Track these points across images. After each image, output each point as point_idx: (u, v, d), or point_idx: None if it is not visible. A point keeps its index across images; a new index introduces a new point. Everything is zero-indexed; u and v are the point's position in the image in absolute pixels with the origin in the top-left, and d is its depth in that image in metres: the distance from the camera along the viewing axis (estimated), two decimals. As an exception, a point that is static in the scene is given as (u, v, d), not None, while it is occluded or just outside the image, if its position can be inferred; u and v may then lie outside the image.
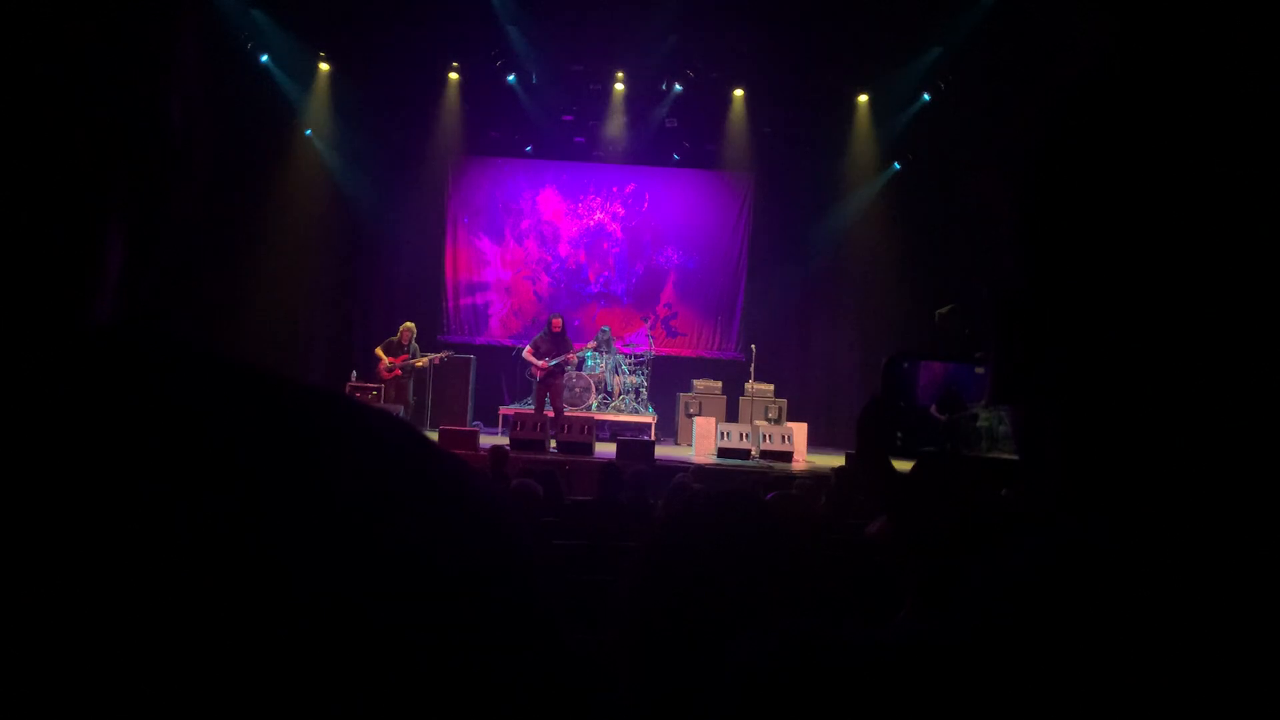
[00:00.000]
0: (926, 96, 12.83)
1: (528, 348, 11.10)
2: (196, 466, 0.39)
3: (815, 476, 8.34)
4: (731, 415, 12.28)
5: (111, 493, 0.38)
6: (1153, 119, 0.43)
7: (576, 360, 12.07)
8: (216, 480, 0.39)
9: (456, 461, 0.47)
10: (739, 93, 13.58)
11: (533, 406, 11.17)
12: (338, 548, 0.40)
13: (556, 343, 10.91)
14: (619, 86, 13.59)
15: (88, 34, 0.40)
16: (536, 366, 10.86)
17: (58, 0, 0.39)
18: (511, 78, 13.39)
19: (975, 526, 0.71)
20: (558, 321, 11.08)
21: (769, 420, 11.91)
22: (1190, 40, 0.43)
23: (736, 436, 11.10)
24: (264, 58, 12.54)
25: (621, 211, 14.70)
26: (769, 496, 3.15)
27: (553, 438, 10.25)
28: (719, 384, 12.75)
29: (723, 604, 0.95)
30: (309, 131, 13.43)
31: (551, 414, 10.72)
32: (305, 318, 13.29)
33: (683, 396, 12.64)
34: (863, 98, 13.35)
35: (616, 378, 12.86)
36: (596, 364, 12.82)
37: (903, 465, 0.80)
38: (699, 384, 12.79)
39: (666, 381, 13.21)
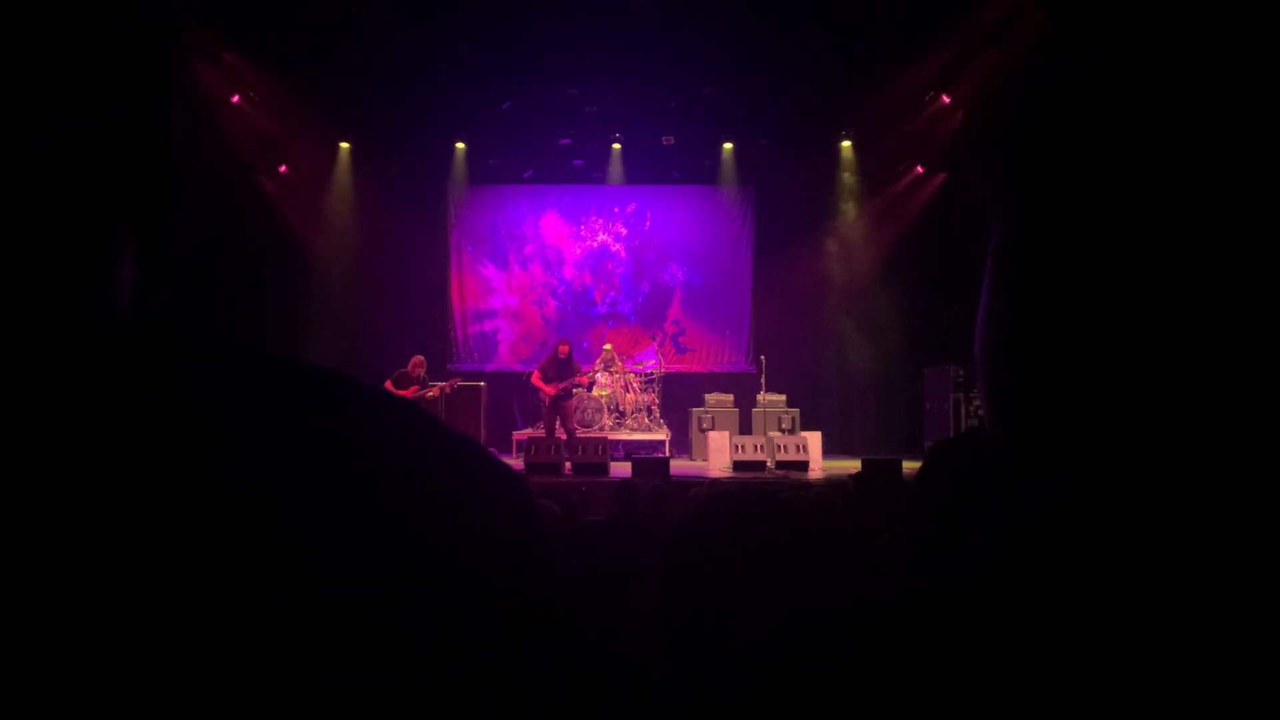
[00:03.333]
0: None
1: (535, 373, 11.13)
2: (206, 455, 0.39)
3: (832, 484, 8.32)
4: (745, 428, 12.26)
5: (121, 483, 0.38)
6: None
7: (587, 383, 12.08)
8: (229, 466, 0.39)
9: (473, 446, 0.48)
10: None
11: (544, 431, 11.18)
12: (352, 536, 0.40)
13: (563, 368, 10.94)
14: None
15: (95, 52, 0.41)
16: (544, 391, 10.89)
17: (69, 24, 0.40)
18: (506, 105, 13.45)
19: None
20: (564, 348, 11.10)
21: (782, 431, 11.87)
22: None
23: (751, 449, 11.07)
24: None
25: (624, 231, 14.74)
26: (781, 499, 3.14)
27: (567, 460, 10.24)
28: (730, 397, 12.75)
29: (742, 594, 0.95)
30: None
31: (564, 436, 10.73)
32: (316, 351, 13.34)
33: (695, 412, 12.63)
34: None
35: (627, 395, 12.86)
36: (606, 384, 12.83)
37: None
38: (710, 398, 12.78)
39: (678, 398, 13.20)
